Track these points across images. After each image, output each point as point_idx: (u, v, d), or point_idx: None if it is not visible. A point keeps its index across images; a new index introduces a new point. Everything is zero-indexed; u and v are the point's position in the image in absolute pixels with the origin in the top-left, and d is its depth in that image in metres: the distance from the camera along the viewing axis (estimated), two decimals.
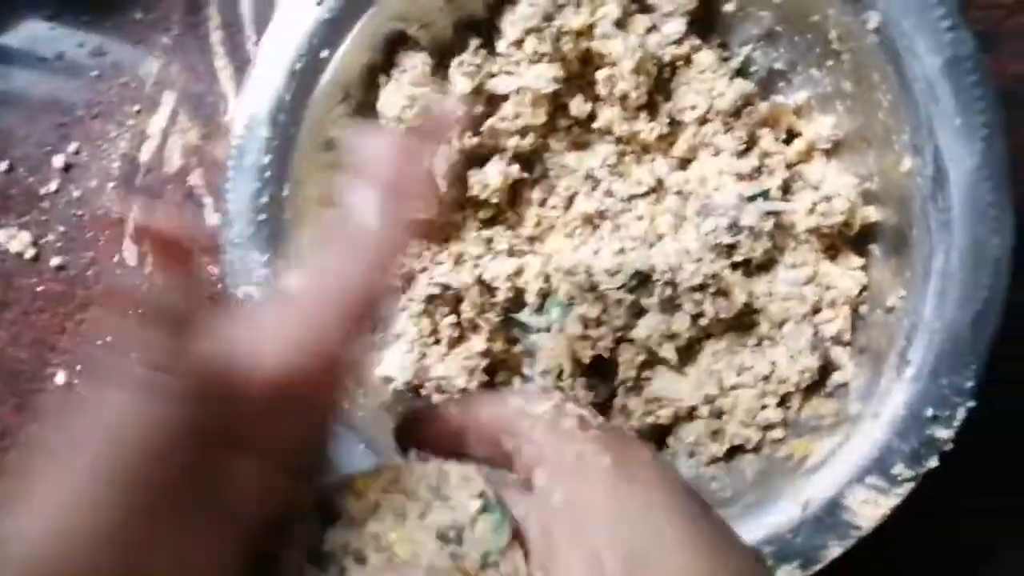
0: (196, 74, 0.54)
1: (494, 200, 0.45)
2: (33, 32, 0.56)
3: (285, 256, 0.43)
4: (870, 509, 0.35)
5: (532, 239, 0.47)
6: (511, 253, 0.46)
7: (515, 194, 0.47)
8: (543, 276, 0.45)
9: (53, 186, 0.55)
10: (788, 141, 0.42)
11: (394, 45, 0.44)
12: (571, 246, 0.45)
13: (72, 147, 0.55)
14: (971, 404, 0.34)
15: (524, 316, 0.46)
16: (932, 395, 0.35)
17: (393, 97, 0.43)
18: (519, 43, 0.43)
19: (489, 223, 0.47)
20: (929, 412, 0.34)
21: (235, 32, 0.53)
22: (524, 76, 0.42)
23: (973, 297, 0.34)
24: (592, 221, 0.44)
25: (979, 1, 0.44)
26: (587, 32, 0.42)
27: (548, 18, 0.42)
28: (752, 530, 0.38)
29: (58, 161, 0.55)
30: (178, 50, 0.54)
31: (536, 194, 0.46)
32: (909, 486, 0.35)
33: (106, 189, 0.55)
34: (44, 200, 0.55)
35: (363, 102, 0.44)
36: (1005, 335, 0.35)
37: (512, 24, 0.42)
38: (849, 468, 0.36)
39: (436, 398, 0.45)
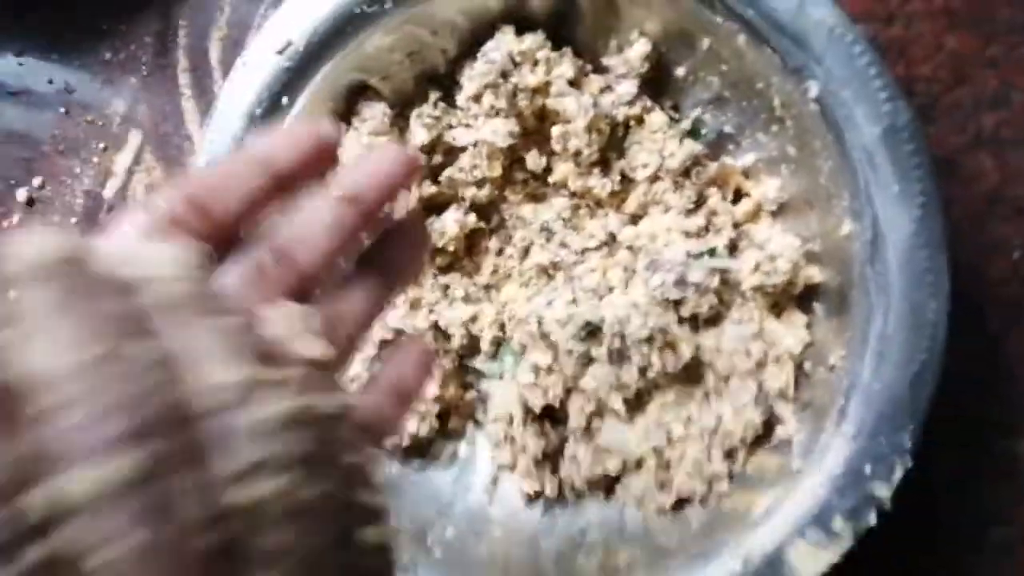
0: (163, 115, 0.54)
1: (451, 248, 0.46)
2: (1, 68, 0.56)
3: None
4: (810, 564, 0.36)
5: (488, 287, 0.47)
6: (467, 300, 0.47)
7: (472, 243, 0.47)
8: (498, 324, 0.46)
9: (15, 219, 0.55)
10: (736, 201, 0.44)
11: (355, 94, 0.45)
12: (525, 295, 0.45)
13: (36, 181, 0.56)
14: (908, 463, 0.35)
15: (478, 363, 0.47)
16: (871, 453, 0.35)
17: (352, 145, 0.44)
18: (477, 98, 0.43)
19: (446, 270, 0.47)
20: (868, 469, 0.35)
21: (203, 75, 0.54)
22: (481, 130, 0.43)
23: (911, 359, 0.35)
24: (547, 272, 0.45)
25: (919, 75, 0.46)
26: (543, 90, 0.43)
27: (505, 75, 0.43)
28: None
29: (21, 195, 0.55)
30: (146, 90, 0.55)
31: (493, 243, 0.47)
32: (848, 542, 0.36)
33: (69, 224, 0.55)
34: (6, 234, 0.55)
35: None
36: (942, 398, 0.36)
37: (470, 79, 0.43)
38: (790, 523, 0.37)
39: (386, 444, 0.45)
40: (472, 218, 0.46)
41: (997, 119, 0.45)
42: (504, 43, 0.43)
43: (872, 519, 0.35)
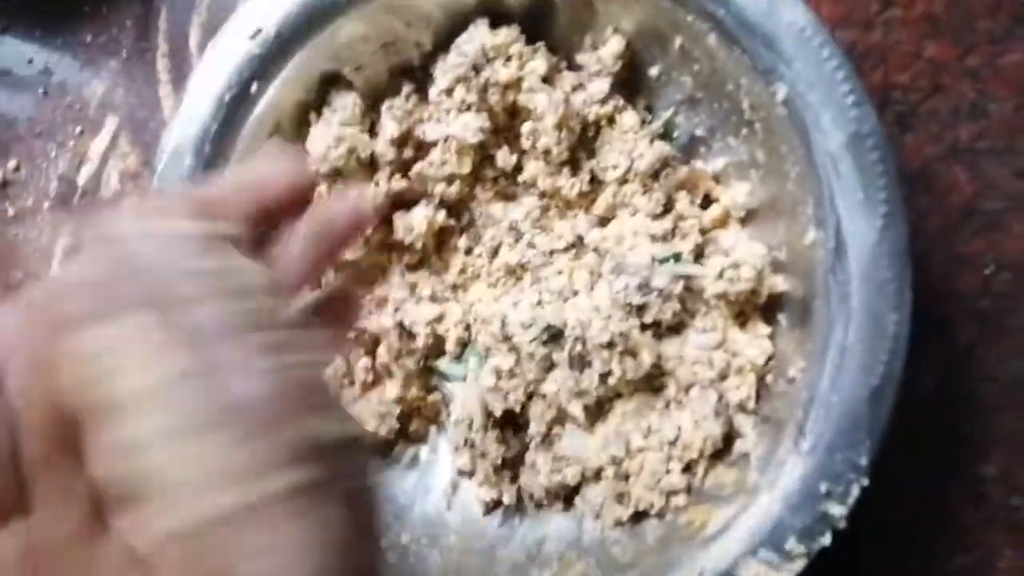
0: (141, 100, 0.54)
1: (419, 245, 0.45)
2: None
3: None
4: None
5: (456, 287, 0.46)
6: (434, 299, 0.46)
7: (442, 241, 0.46)
8: (464, 324, 0.45)
9: None
10: (704, 206, 0.42)
11: (327, 84, 0.44)
12: (493, 296, 0.44)
13: (11, 164, 0.55)
14: (865, 482, 0.34)
15: (443, 364, 0.46)
16: (827, 470, 0.34)
17: (322, 135, 0.43)
18: (449, 91, 0.43)
19: (414, 268, 0.47)
20: (823, 488, 0.34)
21: (181, 61, 0.54)
22: (452, 125, 0.42)
23: (870, 373, 0.33)
24: (515, 272, 0.44)
25: (897, 83, 0.45)
26: (515, 85, 0.42)
27: (477, 69, 0.42)
28: None
29: None
30: (125, 75, 0.54)
31: (463, 242, 0.46)
32: (801, 563, 0.34)
33: (42, 209, 0.55)
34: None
35: (293, 138, 0.44)
36: (910, 414, 0.34)
37: (443, 72, 0.43)
38: (743, 540, 0.35)
39: None
40: (442, 215, 0.45)
41: (973, 130, 0.43)
42: (477, 36, 0.42)
43: (826, 539, 0.34)
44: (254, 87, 0.42)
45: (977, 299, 0.43)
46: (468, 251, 0.46)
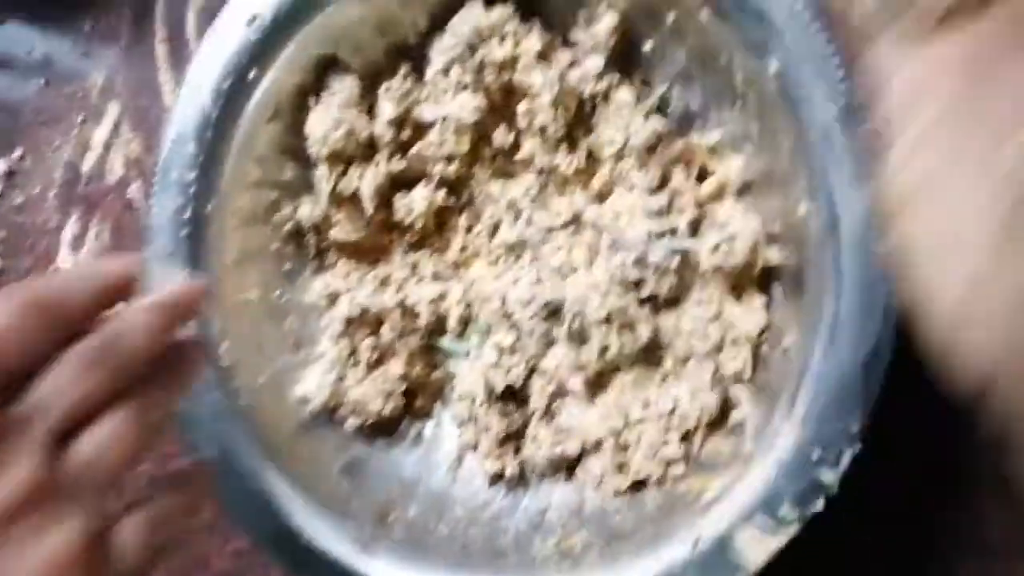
0: (141, 86, 0.54)
1: (420, 224, 0.46)
2: None
3: (208, 271, 0.43)
4: (755, 550, 0.35)
5: (457, 265, 0.47)
6: (436, 277, 0.46)
7: (442, 220, 0.47)
8: (465, 302, 0.45)
9: None
10: (700, 180, 0.43)
11: (325, 68, 0.45)
12: (494, 274, 0.45)
13: (17, 153, 0.56)
14: (856, 448, 0.34)
15: (445, 342, 0.47)
16: (819, 438, 0.35)
17: (321, 119, 0.44)
18: (445, 71, 0.43)
19: (416, 247, 0.47)
20: (816, 455, 0.35)
21: (179, 47, 0.54)
22: (449, 105, 0.43)
23: (862, 342, 0.34)
24: (514, 250, 0.45)
25: None
26: (510, 64, 0.42)
27: (472, 48, 0.42)
28: (648, 565, 0.38)
29: (2, 166, 0.55)
30: (125, 62, 0.55)
31: (463, 220, 0.47)
32: (795, 527, 0.35)
33: (48, 197, 0.55)
34: None
35: (292, 122, 0.45)
36: (898, 383, 0.35)
37: (439, 53, 0.43)
38: (739, 507, 0.36)
39: (351, 423, 0.45)
40: (441, 194, 0.45)
41: None
42: (472, 15, 0.43)
43: (819, 505, 0.35)
44: (252, 73, 0.43)
45: None
46: (468, 229, 0.47)
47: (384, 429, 0.46)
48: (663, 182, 0.42)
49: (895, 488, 0.42)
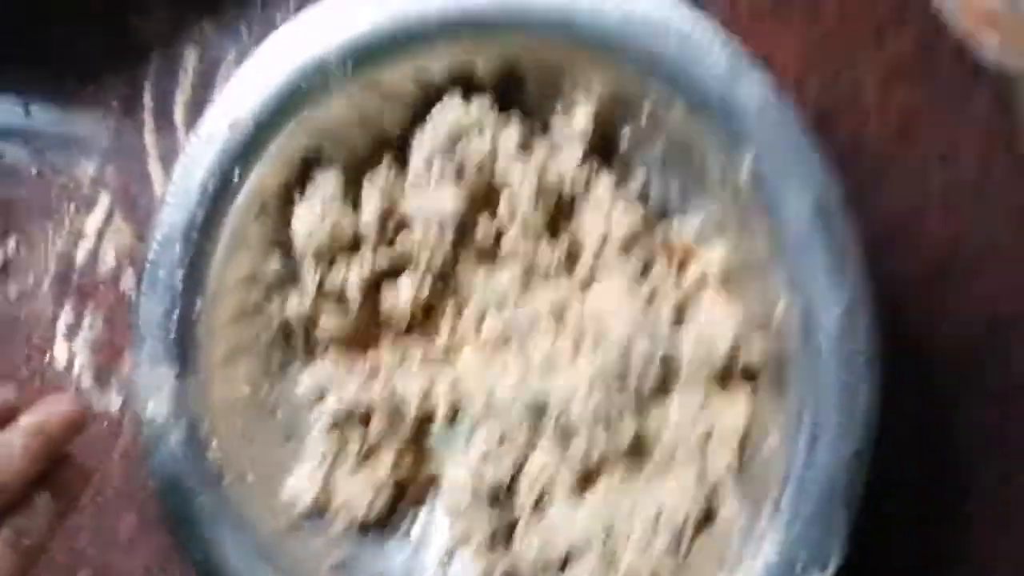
0: (131, 176, 0.55)
1: (407, 313, 0.46)
2: None
3: (196, 372, 0.43)
4: None
5: (447, 350, 0.47)
6: (425, 363, 0.46)
7: (430, 306, 0.47)
8: (454, 393, 0.45)
9: None
10: (680, 271, 0.43)
11: (309, 163, 0.45)
12: (481, 363, 0.45)
13: (11, 244, 0.56)
14: (844, 553, 0.34)
15: (435, 430, 0.46)
16: (804, 542, 0.34)
17: (305, 215, 0.44)
18: (427, 165, 0.43)
19: (404, 335, 0.47)
20: (801, 561, 0.34)
21: (168, 135, 0.54)
22: (431, 198, 0.43)
23: (844, 444, 0.34)
24: (500, 340, 0.45)
25: (867, 132, 0.45)
26: (489, 160, 0.43)
27: (454, 140, 0.43)
28: None
29: None
30: (115, 152, 0.55)
31: (450, 308, 0.47)
32: None
33: (43, 287, 0.56)
34: None
35: (279, 219, 0.45)
36: (882, 487, 0.35)
37: (419, 147, 0.43)
38: None
39: (340, 523, 0.44)
40: (427, 284, 0.45)
41: (945, 179, 0.44)
42: (451, 109, 0.43)
43: None
44: (236, 174, 0.43)
45: (956, 352, 0.43)
46: (456, 315, 0.47)
47: (375, 525, 0.46)
48: (645, 272, 0.42)
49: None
